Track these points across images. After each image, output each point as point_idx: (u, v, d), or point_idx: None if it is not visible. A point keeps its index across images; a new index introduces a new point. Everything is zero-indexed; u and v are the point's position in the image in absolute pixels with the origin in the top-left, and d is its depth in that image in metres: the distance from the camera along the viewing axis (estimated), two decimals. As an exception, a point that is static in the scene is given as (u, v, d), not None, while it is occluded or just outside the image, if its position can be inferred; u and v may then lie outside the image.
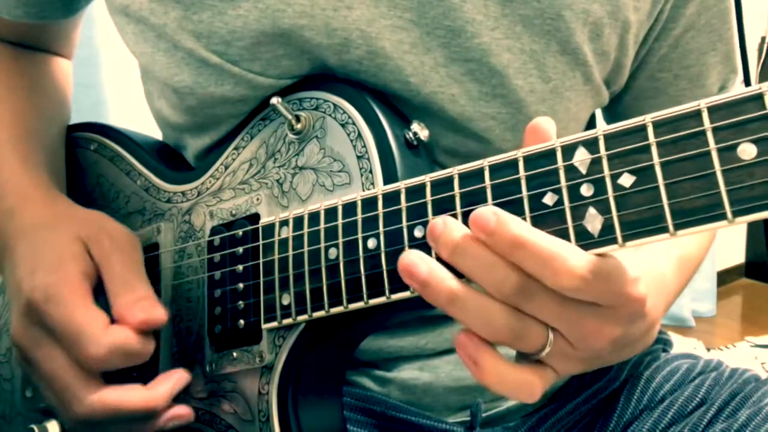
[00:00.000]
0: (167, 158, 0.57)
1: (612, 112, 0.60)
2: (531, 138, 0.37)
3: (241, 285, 0.46)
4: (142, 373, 0.48)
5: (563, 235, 0.34)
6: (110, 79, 1.02)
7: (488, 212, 0.33)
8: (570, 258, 0.32)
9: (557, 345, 0.35)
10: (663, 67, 0.55)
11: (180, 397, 0.46)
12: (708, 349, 2.11)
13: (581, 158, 0.34)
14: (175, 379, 0.45)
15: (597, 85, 0.51)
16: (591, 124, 0.58)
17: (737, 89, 0.57)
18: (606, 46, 0.50)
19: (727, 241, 2.63)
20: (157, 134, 0.61)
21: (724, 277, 2.67)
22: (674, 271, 0.50)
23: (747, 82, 0.56)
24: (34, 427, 0.53)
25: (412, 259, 0.35)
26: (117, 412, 0.43)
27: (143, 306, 0.44)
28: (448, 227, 0.35)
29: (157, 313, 0.44)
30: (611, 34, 0.50)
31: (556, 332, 0.35)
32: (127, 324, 0.43)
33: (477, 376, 0.35)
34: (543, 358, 0.36)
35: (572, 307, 0.34)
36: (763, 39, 2.18)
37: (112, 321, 0.43)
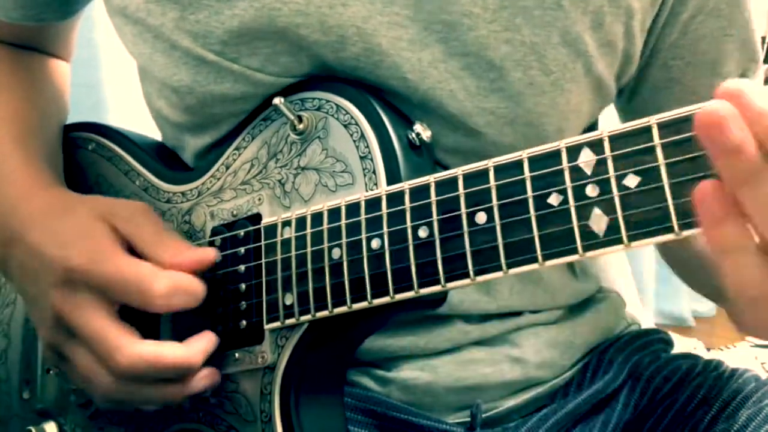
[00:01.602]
0: (166, 158, 0.57)
1: (629, 110, 0.59)
2: None
3: (243, 285, 0.46)
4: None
5: (568, 235, 0.34)
6: (110, 80, 1.02)
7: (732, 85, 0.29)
8: None
9: None
10: (675, 54, 0.54)
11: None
12: (708, 349, 2.11)
13: (586, 159, 0.34)
14: (207, 338, 0.46)
15: (598, 77, 0.51)
16: (592, 126, 0.58)
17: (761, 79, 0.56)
18: (610, 36, 0.49)
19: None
20: (156, 135, 0.61)
21: (724, 278, 2.66)
22: None
23: None
24: (32, 428, 0.53)
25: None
26: (158, 365, 0.43)
27: (192, 249, 0.46)
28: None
29: (208, 252, 0.46)
30: (614, 22, 0.49)
31: None
32: (181, 268, 0.44)
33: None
34: None
35: None
36: (763, 39, 2.18)
37: None
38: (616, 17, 0.49)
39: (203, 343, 0.45)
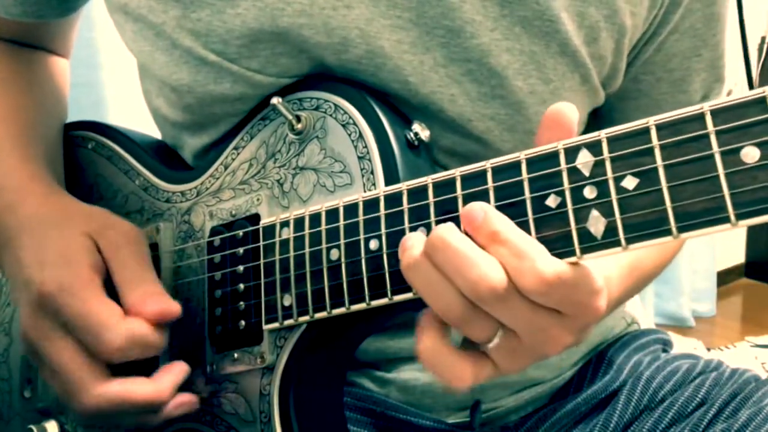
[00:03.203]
0: (166, 157, 0.57)
1: (595, 112, 0.60)
2: (551, 126, 0.36)
3: (241, 286, 0.46)
4: (142, 373, 0.48)
5: (566, 237, 0.33)
6: (110, 79, 1.02)
7: (478, 206, 0.35)
8: (538, 260, 0.33)
9: (508, 342, 0.36)
10: (646, 69, 0.55)
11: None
12: (708, 349, 2.11)
13: (584, 160, 0.34)
14: (176, 371, 0.45)
15: (594, 86, 0.51)
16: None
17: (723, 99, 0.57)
18: (602, 50, 0.50)
19: (727, 241, 2.64)
20: (156, 134, 0.61)
21: (724, 277, 2.67)
22: (620, 278, 0.50)
23: (750, 85, 0.55)
24: (33, 427, 0.53)
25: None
26: (125, 404, 0.43)
27: (157, 299, 0.44)
28: (441, 228, 0.35)
29: (172, 306, 0.45)
30: (607, 38, 0.49)
31: (509, 331, 0.36)
32: (142, 316, 0.44)
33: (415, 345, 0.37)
34: (488, 351, 0.36)
35: (541, 314, 0.35)
36: (763, 39, 2.17)
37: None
38: (609, 33, 0.49)
39: (173, 376, 0.45)
